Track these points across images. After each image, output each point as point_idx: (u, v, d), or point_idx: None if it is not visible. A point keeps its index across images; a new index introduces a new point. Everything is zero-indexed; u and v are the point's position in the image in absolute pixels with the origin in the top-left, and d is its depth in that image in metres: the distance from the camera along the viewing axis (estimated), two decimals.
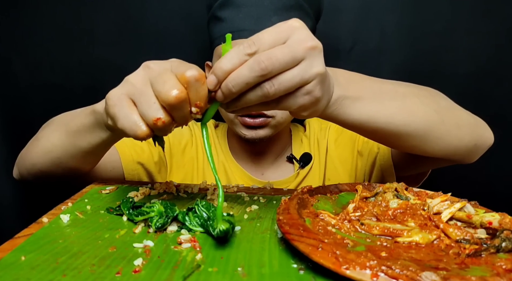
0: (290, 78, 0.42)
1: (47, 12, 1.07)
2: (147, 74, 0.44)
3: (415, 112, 0.60)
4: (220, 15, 0.81)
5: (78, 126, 0.59)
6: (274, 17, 0.78)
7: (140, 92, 0.43)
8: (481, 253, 0.40)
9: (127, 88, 0.44)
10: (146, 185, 0.63)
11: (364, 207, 0.51)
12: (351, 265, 0.34)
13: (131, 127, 0.43)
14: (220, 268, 0.38)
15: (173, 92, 0.41)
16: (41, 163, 0.65)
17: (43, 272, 0.36)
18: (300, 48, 0.43)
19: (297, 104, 0.45)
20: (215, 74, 0.42)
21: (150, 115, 0.42)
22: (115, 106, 0.44)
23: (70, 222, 0.49)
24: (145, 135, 0.43)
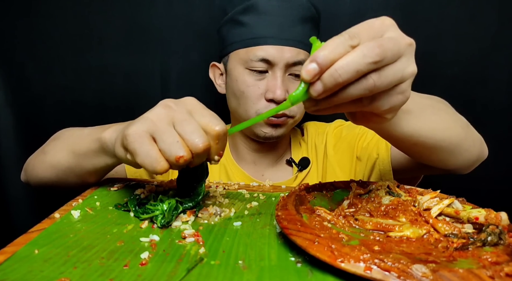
0: (394, 72, 0.38)
1: (58, 19, 1.07)
2: (169, 115, 0.44)
3: (450, 128, 0.59)
4: (242, 20, 0.80)
5: (84, 149, 0.59)
6: (296, 27, 0.80)
7: (162, 130, 0.43)
8: (468, 247, 0.40)
9: (148, 125, 0.44)
10: (152, 183, 0.63)
11: (358, 203, 0.52)
12: (345, 258, 0.34)
13: (151, 163, 0.42)
14: (222, 261, 0.38)
15: (202, 144, 0.42)
16: (46, 177, 0.65)
17: (55, 265, 0.36)
18: (402, 42, 0.39)
19: (389, 104, 0.40)
20: (317, 63, 0.36)
21: (174, 152, 0.42)
22: (135, 142, 0.43)
23: (80, 218, 0.49)
24: (164, 171, 0.43)
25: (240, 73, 0.81)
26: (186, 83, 1.09)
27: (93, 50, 1.08)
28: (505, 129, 1.07)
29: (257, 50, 0.78)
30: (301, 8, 0.80)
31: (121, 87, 1.09)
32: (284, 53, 0.78)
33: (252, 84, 0.79)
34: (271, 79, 0.79)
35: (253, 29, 0.79)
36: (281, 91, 0.77)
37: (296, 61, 0.79)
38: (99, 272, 0.35)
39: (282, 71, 0.78)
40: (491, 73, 1.05)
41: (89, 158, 0.58)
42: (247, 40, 0.79)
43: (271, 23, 0.78)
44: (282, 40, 0.78)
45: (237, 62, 0.82)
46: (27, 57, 1.08)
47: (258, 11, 0.79)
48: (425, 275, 0.31)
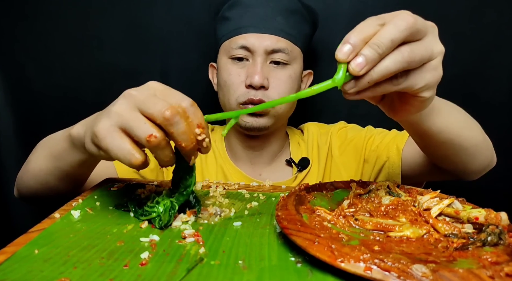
0: (425, 47, 0.40)
1: (58, 19, 1.07)
2: (132, 101, 0.43)
3: (472, 128, 0.64)
4: (228, 15, 0.84)
5: (58, 150, 0.58)
6: (278, 17, 0.82)
7: (128, 118, 0.41)
8: (468, 247, 0.40)
9: (114, 118, 0.42)
10: (152, 183, 0.63)
11: (358, 204, 0.52)
12: (345, 258, 0.34)
13: (125, 156, 0.41)
14: (222, 261, 0.38)
15: (169, 111, 0.40)
16: (33, 187, 0.64)
17: (55, 265, 0.36)
18: (427, 22, 0.42)
19: (424, 80, 0.42)
20: (350, 43, 0.38)
21: (142, 134, 0.40)
22: (106, 138, 0.42)
23: (80, 218, 0.49)
24: (140, 163, 0.41)
25: (224, 63, 0.84)
26: (186, 83, 1.09)
27: (93, 50, 1.08)
28: (505, 129, 1.07)
29: (238, 39, 0.81)
30: (284, 0, 0.83)
31: (121, 87, 1.08)
32: (263, 41, 0.80)
33: (234, 73, 0.82)
34: (251, 66, 0.81)
35: (237, 21, 0.82)
36: (259, 77, 0.78)
37: (275, 49, 0.81)
38: (99, 272, 0.35)
39: (262, 58, 0.80)
40: (491, 72, 1.05)
41: (64, 158, 0.57)
42: (230, 32, 0.83)
43: (252, 14, 0.81)
44: (262, 28, 0.81)
45: (222, 54, 0.85)
46: (27, 57, 1.08)
47: (242, 5, 0.82)
48: (425, 275, 0.31)
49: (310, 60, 1.08)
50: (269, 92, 0.80)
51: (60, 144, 0.57)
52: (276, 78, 0.81)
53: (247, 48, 0.80)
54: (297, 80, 0.86)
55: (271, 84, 0.80)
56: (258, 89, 0.79)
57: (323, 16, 1.05)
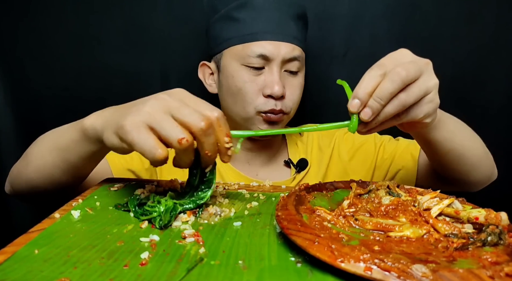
0: (419, 87, 0.49)
1: (58, 19, 1.07)
2: (165, 105, 0.45)
3: (475, 141, 0.71)
4: (237, 16, 0.79)
5: (67, 142, 0.58)
6: (291, 23, 0.80)
7: (160, 119, 0.44)
8: (468, 247, 0.40)
9: (145, 116, 0.45)
10: (152, 183, 0.63)
11: (358, 204, 0.51)
12: (345, 258, 0.34)
13: (150, 150, 0.43)
14: (222, 261, 0.38)
15: (203, 121, 0.44)
16: (35, 180, 0.63)
17: (55, 265, 0.36)
18: (420, 63, 0.50)
19: (422, 112, 0.51)
20: (359, 98, 0.48)
21: (174, 136, 0.43)
22: (133, 132, 0.44)
23: (80, 218, 0.49)
24: (163, 158, 0.43)
25: (236, 70, 0.80)
26: (186, 83, 1.09)
27: (93, 50, 1.08)
28: (504, 129, 1.07)
29: (254, 46, 0.78)
30: (295, 5, 0.81)
31: (121, 87, 1.09)
32: (281, 49, 0.78)
33: (250, 80, 0.79)
34: (268, 75, 0.79)
35: (250, 25, 0.78)
36: (279, 87, 0.77)
37: (291, 57, 0.79)
38: (99, 272, 0.35)
39: (278, 67, 0.79)
40: (489, 74, 1.05)
41: (73, 149, 0.57)
42: (244, 36, 0.79)
43: (268, 18, 0.78)
44: (279, 35, 0.78)
45: (232, 59, 0.81)
46: (27, 57, 1.08)
47: (254, 7, 0.79)
48: (425, 275, 0.31)
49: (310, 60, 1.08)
50: (286, 101, 0.81)
51: (68, 136, 0.58)
52: (290, 86, 0.81)
53: (264, 56, 0.78)
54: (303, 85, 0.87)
55: (286, 92, 0.80)
56: (278, 99, 0.79)
57: (323, 16, 1.05)
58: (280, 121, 0.82)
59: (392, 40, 1.06)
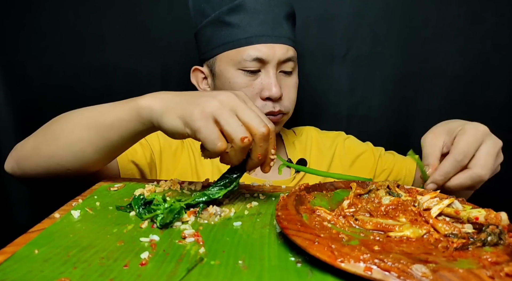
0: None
1: (59, 19, 1.07)
2: (233, 104, 0.49)
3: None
4: (230, 21, 0.79)
5: (111, 120, 0.58)
6: (283, 24, 0.81)
7: (227, 115, 0.48)
8: (468, 247, 0.40)
9: (214, 109, 0.48)
10: (152, 183, 0.63)
11: (358, 203, 0.51)
12: (345, 258, 0.34)
13: (213, 140, 0.47)
14: (222, 261, 0.38)
15: (264, 127, 0.48)
16: (62, 156, 0.61)
17: (55, 265, 0.36)
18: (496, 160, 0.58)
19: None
20: (436, 184, 0.57)
21: (239, 133, 0.47)
22: (201, 120, 0.48)
23: (80, 218, 0.49)
24: (223, 150, 0.48)
25: (233, 75, 0.80)
26: (186, 83, 1.09)
27: (93, 50, 1.08)
28: (506, 129, 1.07)
29: (250, 49, 0.78)
30: (284, 5, 0.81)
31: (121, 87, 1.09)
32: (276, 51, 0.78)
33: (247, 85, 0.80)
34: (265, 78, 0.79)
35: (244, 29, 0.78)
36: (276, 89, 0.78)
37: (286, 58, 0.80)
38: (99, 272, 0.35)
39: (274, 69, 0.79)
40: (492, 73, 1.05)
41: (117, 128, 0.57)
42: (239, 40, 0.79)
43: (261, 21, 0.78)
44: (273, 37, 0.79)
45: (227, 64, 0.81)
46: (27, 57, 1.09)
47: (246, 11, 0.78)
48: (425, 275, 0.31)
49: (311, 60, 1.08)
50: (284, 101, 0.82)
51: (114, 113, 0.58)
52: (286, 87, 0.82)
53: (260, 59, 0.78)
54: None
55: (283, 93, 0.81)
56: (276, 101, 0.80)
57: (323, 16, 1.05)
58: (280, 122, 0.83)
59: (393, 40, 1.06)
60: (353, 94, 1.10)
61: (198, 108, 0.48)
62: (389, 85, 1.08)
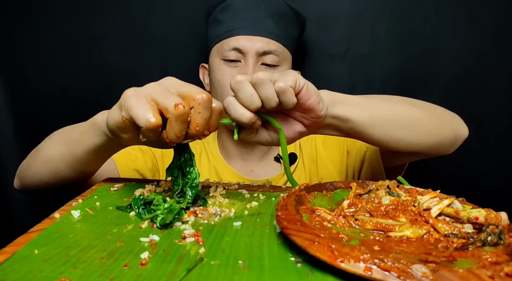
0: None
1: (57, 20, 1.07)
2: (163, 85, 0.47)
3: (404, 109, 0.65)
4: (220, 18, 0.86)
5: (77, 134, 0.60)
6: (269, 20, 0.85)
7: (160, 91, 0.45)
8: (468, 247, 0.40)
9: (149, 88, 0.46)
10: (152, 183, 0.63)
11: (358, 203, 0.52)
12: (345, 258, 0.34)
13: (143, 114, 0.43)
14: (222, 261, 0.38)
15: (204, 93, 0.45)
16: (42, 172, 0.65)
17: (55, 265, 0.36)
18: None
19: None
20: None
21: (171, 101, 0.44)
22: (132, 97, 0.45)
23: (80, 218, 0.49)
24: (155, 124, 0.43)
25: (217, 64, 0.86)
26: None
27: (92, 51, 1.08)
28: (505, 128, 1.07)
29: (230, 41, 0.84)
30: (274, 4, 0.86)
31: (121, 88, 1.08)
32: (254, 43, 0.83)
33: (227, 73, 0.84)
34: (243, 67, 0.83)
35: (229, 24, 0.85)
36: None
37: (266, 50, 0.83)
38: (99, 272, 0.35)
39: (253, 60, 0.83)
40: (491, 72, 1.05)
41: (80, 142, 0.59)
42: (222, 34, 0.85)
43: (244, 17, 0.84)
44: (253, 30, 0.84)
45: (215, 56, 0.87)
46: (26, 58, 1.08)
47: (234, 9, 0.85)
48: (425, 275, 0.31)
49: (310, 60, 1.08)
50: None
51: (79, 128, 0.59)
52: None
53: (239, 50, 0.83)
54: None
55: None
56: None
57: (323, 16, 1.05)
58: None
59: (392, 39, 1.06)
60: (352, 93, 1.09)
61: (131, 90, 0.46)
62: (388, 84, 1.08)
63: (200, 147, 0.95)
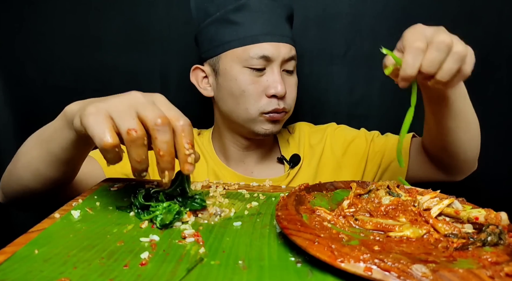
0: (458, 52, 0.61)
1: (58, 20, 1.07)
2: (134, 102, 0.45)
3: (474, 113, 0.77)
4: (235, 19, 0.80)
5: (51, 132, 0.58)
6: (285, 24, 0.84)
7: (120, 110, 0.44)
8: (468, 247, 0.40)
9: (109, 105, 0.45)
10: (152, 183, 0.63)
11: (358, 204, 0.52)
12: (345, 258, 0.34)
13: (99, 134, 0.43)
14: (222, 261, 0.38)
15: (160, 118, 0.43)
16: (24, 178, 0.62)
17: (55, 265, 0.36)
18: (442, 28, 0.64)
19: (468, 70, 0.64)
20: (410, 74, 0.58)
21: (125, 126, 0.43)
22: (91, 115, 0.44)
23: (80, 218, 0.49)
24: (109, 145, 0.42)
25: (239, 72, 0.81)
26: (186, 83, 1.08)
27: (93, 50, 1.08)
28: (505, 129, 1.07)
29: (256, 48, 0.79)
30: (286, 7, 0.84)
31: (121, 87, 1.08)
32: (280, 50, 0.80)
33: (253, 82, 0.80)
34: (270, 76, 0.80)
35: (249, 27, 0.80)
36: (282, 87, 0.79)
37: (289, 57, 0.82)
38: (99, 272, 0.35)
39: (278, 67, 0.81)
40: (491, 74, 1.05)
41: (55, 139, 0.57)
42: (245, 38, 0.80)
43: (266, 21, 0.81)
44: (278, 36, 0.81)
45: (232, 62, 0.81)
46: (26, 57, 1.08)
47: (251, 10, 0.80)
48: (425, 275, 0.31)
49: (310, 59, 1.08)
50: (287, 99, 0.83)
51: (52, 125, 0.58)
52: (288, 85, 0.83)
53: (267, 57, 0.79)
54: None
55: (286, 91, 0.82)
56: (280, 99, 0.81)
57: (323, 15, 1.05)
58: (282, 120, 0.85)
59: (392, 39, 1.05)
60: (352, 93, 1.10)
61: (93, 105, 0.45)
62: (388, 84, 1.07)
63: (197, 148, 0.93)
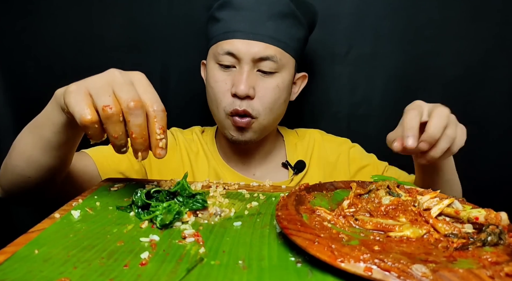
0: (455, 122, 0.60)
1: (58, 19, 1.07)
2: (111, 80, 0.47)
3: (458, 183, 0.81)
4: (218, 16, 0.80)
5: (42, 118, 0.59)
6: (268, 22, 0.78)
7: (98, 87, 0.46)
8: (468, 247, 0.40)
9: (89, 83, 0.47)
10: (152, 183, 0.63)
11: (358, 203, 0.52)
12: (345, 258, 0.34)
13: (79, 111, 0.45)
14: (222, 261, 0.38)
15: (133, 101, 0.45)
16: (19, 166, 0.61)
17: (55, 265, 0.36)
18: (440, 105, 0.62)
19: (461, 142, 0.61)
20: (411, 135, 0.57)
21: (101, 102, 0.45)
22: (72, 93, 0.46)
23: (80, 218, 0.49)
24: (88, 121, 0.44)
25: (211, 69, 0.81)
26: (186, 83, 1.09)
27: (93, 50, 1.08)
28: (505, 130, 1.07)
29: (225, 44, 0.78)
30: (277, 3, 0.78)
31: None
32: (251, 48, 0.77)
33: (221, 80, 0.79)
34: (237, 74, 0.78)
35: (226, 24, 0.79)
36: (244, 87, 0.75)
37: (263, 56, 0.77)
38: (99, 272, 0.35)
39: (249, 66, 0.77)
40: (493, 74, 1.05)
41: (47, 123, 0.57)
42: (219, 35, 0.79)
43: (243, 18, 0.78)
44: (250, 34, 0.77)
45: (210, 57, 0.82)
46: (27, 57, 1.08)
47: (233, 7, 0.78)
48: (425, 275, 0.31)
49: (311, 60, 1.08)
50: (254, 102, 0.78)
51: (44, 111, 0.59)
52: (263, 88, 0.78)
53: (233, 54, 0.77)
54: (286, 89, 0.83)
55: (257, 93, 0.78)
56: (243, 99, 0.77)
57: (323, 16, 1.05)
58: (249, 128, 0.80)
59: (394, 39, 1.06)
60: (354, 93, 1.09)
61: (75, 84, 0.47)
62: (390, 84, 1.08)
63: (197, 147, 0.91)
